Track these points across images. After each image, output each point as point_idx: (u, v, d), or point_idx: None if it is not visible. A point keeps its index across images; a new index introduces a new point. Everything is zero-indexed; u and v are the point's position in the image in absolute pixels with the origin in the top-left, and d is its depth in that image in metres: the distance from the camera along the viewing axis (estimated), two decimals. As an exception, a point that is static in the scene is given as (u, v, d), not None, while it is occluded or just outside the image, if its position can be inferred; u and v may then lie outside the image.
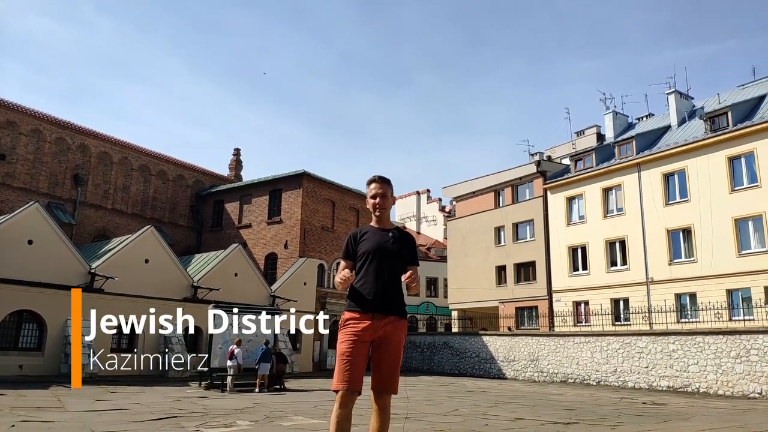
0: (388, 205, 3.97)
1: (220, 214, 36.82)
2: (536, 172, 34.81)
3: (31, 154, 29.88)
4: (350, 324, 3.69)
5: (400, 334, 3.74)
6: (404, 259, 3.84)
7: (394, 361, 3.70)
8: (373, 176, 3.99)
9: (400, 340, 3.74)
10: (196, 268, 27.40)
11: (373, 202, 3.94)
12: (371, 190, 3.95)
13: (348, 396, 3.54)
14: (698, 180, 27.13)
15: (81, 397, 13.60)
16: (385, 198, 3.93)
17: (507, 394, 17.91)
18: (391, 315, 3.71)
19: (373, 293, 3.69)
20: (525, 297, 34.01)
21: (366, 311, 3.68)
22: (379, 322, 3.67)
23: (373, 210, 3.95)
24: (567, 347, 25.22)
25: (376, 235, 3.87)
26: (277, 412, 11.09)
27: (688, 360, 20.77)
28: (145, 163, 35.20)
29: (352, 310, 3.73)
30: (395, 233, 3.88)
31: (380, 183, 3.94)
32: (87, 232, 31.38)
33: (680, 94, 33.00)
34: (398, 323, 3.74)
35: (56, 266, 21.29)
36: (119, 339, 23.23)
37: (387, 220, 3.98)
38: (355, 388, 3.56)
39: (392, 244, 3.81)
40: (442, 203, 55.09)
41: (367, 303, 3.69)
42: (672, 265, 27.61)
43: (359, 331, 3.65)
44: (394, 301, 3.74)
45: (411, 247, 3.92)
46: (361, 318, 3.68)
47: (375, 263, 3.75)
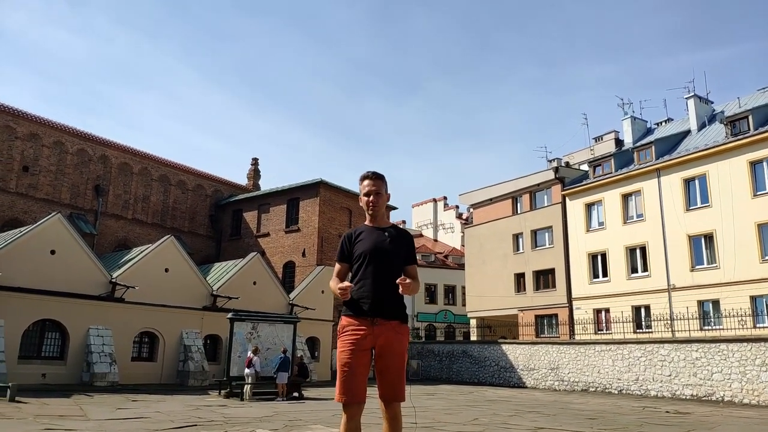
0: (382, 203, 3.72)
1: (239, 223, 37.09)
2: (554, 179, 34.58)
3: (53, 165, 30.39)
4: (349, 331, 3.49)
5: (402, 339, 3.51)
6: (402, 258, 3.61)
7: (399, 368, 3.46)
8: (365, 172, 3.74)
9: (402, 345, 3.51)
10: (215, 276, 27.59)
11: (367, 200, 3.69)
12: (364, 187, 3.70)
13: (353, 408, 3.39)
14: (719, 185, 26.75)
15: (102, 405, 13.73)
16: (379, 195, 3.68)
17: (527, 403, 17.74)
18: (392, 320, 3.48)
19: (372, 297, 3.47)
20: (544, 305, 33.72)
21: (365, 316, 3.47)
22: (379, 327, 3.44)
23: (366, 208, 3.72)
24: (588, 355, 24.93)
25: (372, 235, 3.65)
26: (296, 421, 11.09)
27: (711, 368, 20.42)
28: (164, 173, 35.61)
29: (349, 316, 3.52)
30: (391, 232, 3.65)
31: (373, 179, 3.70)
32: (108, 242, 31.79)
33: (699, 98, 32.65)
34: (400, 328, 3.51)
35: (78, 276, 21.56)
36: (140, 348, 23.43)
37: (382, 218, 3.76)
38: (358, 400, 3.39)
39: (389, 244, 3.58)
40: (459, 210, 54.94)
41: (365, 308, 3.48)
42: (694, 272, 27.21)
43: (358, 339, 3.45)
44: (393, 305, 3.51)
45: (409, 245, 3.69)
46: (360, 324, 3.47)
47: (372, 265, 3.53)
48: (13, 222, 27.71)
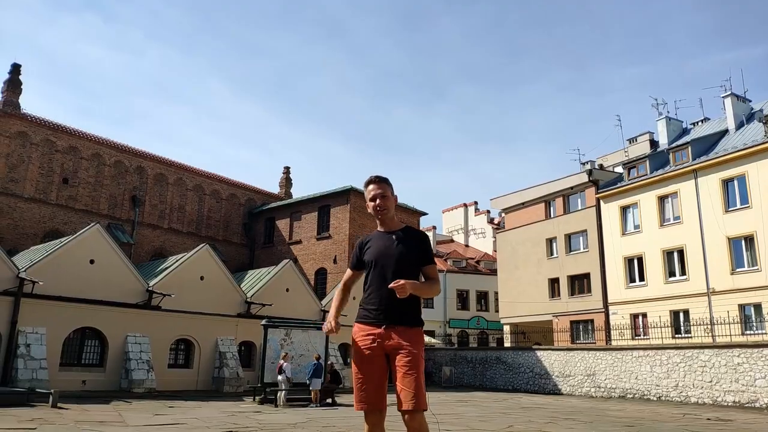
0: (389, 206, 3.65)
1: (272, 231, 37.50)
2: (588, 181, 34.08)
3: (91, 177, 31.20)
4: (359, 338, 3.48)
5: (414, 343, 3.37)
6: (414, 259, 3.53)
7: (411, 374, 3.28)
8: (369, 177, 3.69)
9: (413, 350, 3.35)
10: (249, 284, 27.90)
11: (373, 204, 3.63)
12: (369, 192, 3.65)
13: (372, 416, 3.34)
14: (759, 185, 26.00)
15: (141, 411, 13.98)
16: (386, 198, 3.62)
17: (563, 410, 17.46)
18: (401, 324, 3.40)
19: (379, 302, 3.45)
20: (580, 310, 33.19)
21: (374, 322, 3.44)
22: (388, 333, 3.39)
23: (374, 213, 3.67)
24: (625, 361, 24.44)
25: (380, 240, 3.62)
26: (330, 427, 11.13)
27: (754, 374, 19.81)
28: (199, 183, 36.25)
29: (360, 322, 3.53)
30: (399, 234, 3.59)
31: (377, 183, 3.65)
32: (145, 251, 32.47)
33: (737, 96, 31.86)
34: (410, 332, 3.40)
35: (116, 285, 22.05)
36: (176, 355, 23.82)
37: (392, 221, 3.69)
38: (375, 407, 3.33)
39: (396, 247, 3.52)
40: (490, 215, 54.53)
41: (374, 313, 3.46)
42: (734, 275, 26.47)
43: (370, 345, 3.42)
44: (402, 309, 3.41)
45: (421, 245, 3.59)
46: (370, 330, 3.44)
47: (379, 270, 3.51)
48: (54, 233, 28.52)
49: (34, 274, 19.80)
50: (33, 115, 29.72)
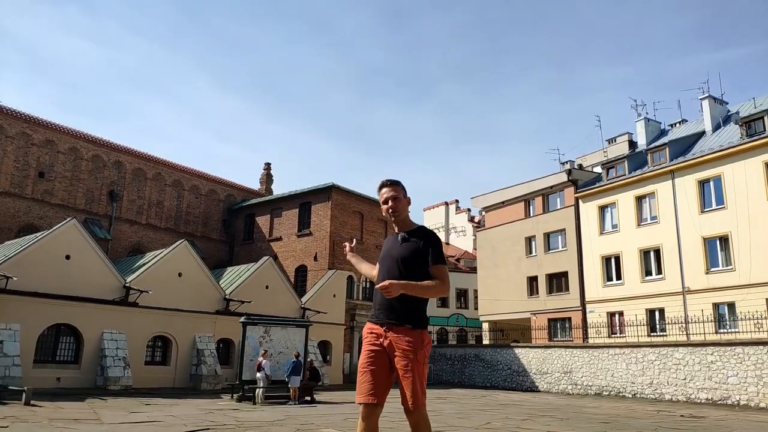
0: (401, 207, 3.75)
1: (251, 228, 37.27)
2: (567, 181, 34.40)
3: (68, 171, 30.73)
4: (366, 335, 3.61)
5: (413, 344, 3.44)
6: (415, 260, 3.55)
7: (408, 374, 3.39)
8: (382, 181, 3.80)
9: (411, 351, 3.42)
10: (228, 281, 27.73)
11: (386, 207, 3.75)
12: (382, 196, 3.78)
13: (367, 409, 3.40)
14: (735, 186, 26.47)
15: (116, 409, 13.83)
16: (397, 200, 3.73)
17: (540, 407, 17.64)
18: (402, 325, 3.47)
19: (380, 303, 3.57)
20: (557, 308, 33.53)
21: (377, 322, 3.57)
22: (389, 333, 3.49)
23: (388, 216, 3.78)
24: (601, 359, 24.75)
25: (389, 242, 3.77)
26: (308, 425, 11.11)
27: (727, 371, 20.20)
28: (178, 178, 35.88)
29: (369, 321, 3.65)
30: (404, 235, 3.66)
31: (389, 186, 3.77)
32: (122, 247, 32.08)
33: (714, 99, 32.35)
34: (410, 333, 3.46)
35: (93, 280, 21.77)
36: (153, 352, 23.59)
37: (405, 222, 3.76)
38: (369, 400, 3.40)
39: (399, 248, 3.62)
40: (471, 213, 54.81)
41: (376, 313, 3.59)
42: (709, 274, 26.93)
43: (374, 342, 3.53)
44: (402, 310, 3.48)
45: (427, 245, 3.60)
46: (374, 329, 3.56)
47: (382, 271, 3.65)
48: (29, 227, 28.05)
49: (8, 270, 19.45)
50: (8, 108, 29.15)
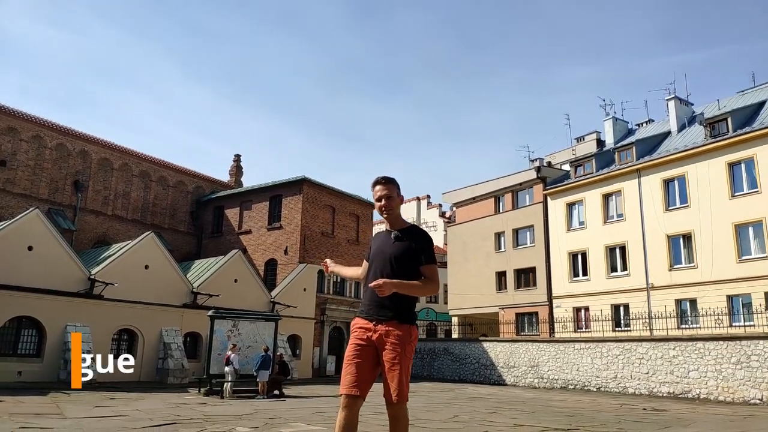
0: (395, 206, 3.81)
1: (220, 220, 36.83)
2: (536, 178, 34.82)
3: (31, 160, 29.90)
4: (355, 330, 3.68)
5: (401, 339, 3.53)
6: (408, 258, 3.64)
7: (394, 368, 3.48)
8: (376, 178, 3.84)
9: (399, 345, 3.51)
10: (195, 274, 27.39)
11: (379, 204, 3.81)
12: (376, 193, 3.81)
13: (349, 399, 3.45)
14: (698, 186, 27.13)
15: (80, 403, 13.57)
16: (391, 199, 3.78)
17: (507, 400, 17.86)
18: (391, 320, 3.55)
19: (369, 298, 3.64)
20: (525, 303, 33.96)
21: (366, 317, 3.64)
22: (379, 328, 3.57)
23: (380, 213, 3.84)
24: (567, 353, 25.17)
25: (380, 239, 3.81)
26: (276, 419, 11.07)
27: (688, 366, 20.73)
28: (145, 169, 35.23)
29: (358, 315, 3.72)
30: (397, 234, 3.72)
31: (384, 184, 3.80)
32: (87, 238, 31.38)
33: (680, 100, 33.06)
34: (399, 328, 3.55)
35: (56, 272, 21.29)
36: (119, 345, 23.19)
37: (397, 220, 3.82)
38: (351, 392, 3.45)
39: (391, 246, 3.68)
40: (442, 209, 55.10)
41: (366, 308, 3.66)
42: (672, 271, 27.58)
43: (362, 336, 3.60)
44: (392, 307, 3.56)
45: (421, 244, 3.69)
46: (364, 324, 3.63)
47: (373, 267, 3.70)
48: (-10, 217, 27.27)
49: (-33, 261, 18.90)
50: (-32, 94, 28.24)
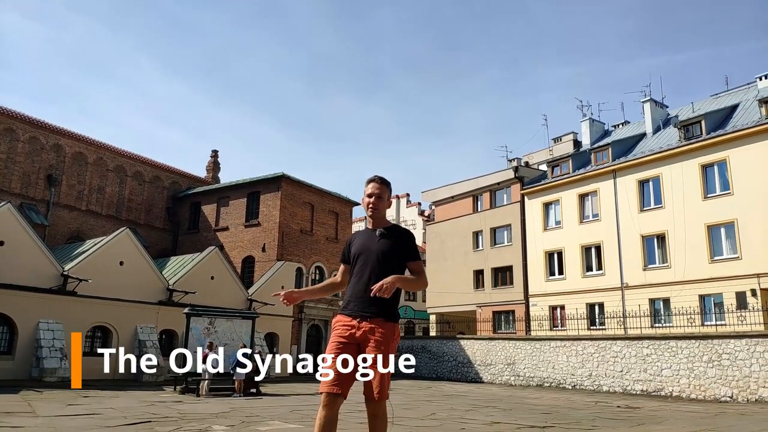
0: (382, 207, 3.81)
1: (197, 217, 36.42)
2: (514, 178, 35.09)
3: (3, 153, 29.24)
4: (337, 327, 3.66)
5: (385, 337, 3.55)
6: (395, 255, 3.68)
7: (377, 364, 3.49)
8: (373, 175, 3.85)
9: (382, 343, 3.53)
10: (171, 270, 27.08)
11: (368, 200, 3.79)
12: (368, 189, 3.81)
13: (328, 398, 3.44)
14: (672, 187, 27.58)
15: (52, 401, 13.34)
16: (381, 199, 3.78)
17: (484, 397, 17.98)
18: (375, 318, 3.56)
19: (354, 295, 3.64)
20: (502, 301, 34.21)
21: (350, 314, 3.62)
22: (362, 325, 3.56)
23: (365, 208, 3.83)
24: (543, 351, 25.41)
25: (364, 237, 3.81)
26: (253, 417, 10.99)
27: (661, 364, 21.06)
28: (120, 164, 34.71)
29: (340, 313, 3.70)
30: (383, 231, 3.75)
31: (379, 183, 3.81)
32: (60, 234, 30.81)
33: (655, 102, 33.56)
34: (384, 326, 3.57)
35: (28, 268, 20.88)
36: (92, 342, 22.84)
37: (381, 221, 3.84)
38: (331, 390, 3.45)
39: (377, 244, 3.70)
40: (421, 207, 55.26)
41: (350, 306, 3.64)
42: (646, 271, 28.01)
43: (344, 333, 3.59)
44: (377, 304, 3.57)
45: (406, 242, 3.76)
46: (346, 321, 3.62)
47: (359, 265, 3.70)
48: (-41, 211, 26.62)
49: (-65, 255, 18.45)
50: (-63, 84, 27.53)
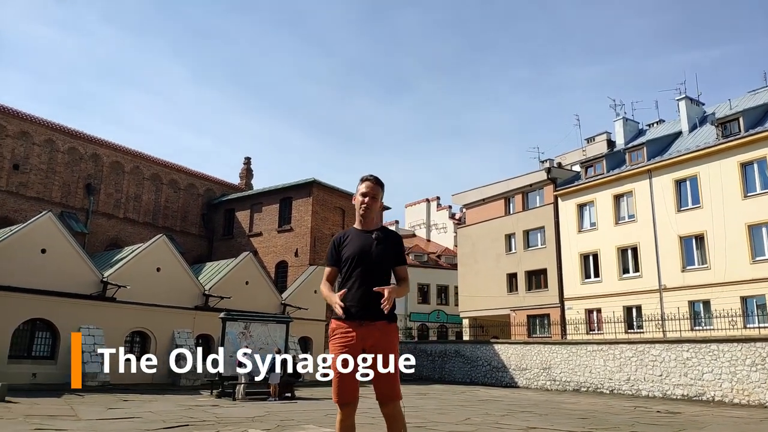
0: (375, 208, 3.80)
1: (231, 223, 36.97)
2: (546, 179, 34.69)
3: (44, 164, 30.16)
4: (338, 334, 3.60)
5: (390, 338, 3.61)
6: (391, 259, 3.72)
7: (388, 366, 3.54)
8: (368, 175, 3.83)
9: (391, 344, 3.60)
10: (207, 276, 27.49)
11: (361, 200, 3.77)
12: (362, 188, 3.79)
13: (347, 408, 3.53)
14: (710, 186, 26.92)
15: (94, 405, 13.65)
16: (375, 200, 3.77)
17: (519, 402, 17.79)
18: (379, 320, 3.55)
19: (358, 300, 3.58)
20: (536, 305, 33.82)
21: (352, 319, 3.57)
22: (367, 329, 3.54)
23: (358, 208, 3.79)
24: (579, 355, 25.03)
25: (359, 239, 3.74)
26: (288, 421, 11.07)
27: (702, 368, 20.55)
28: (156, 172, 35.44)
29: (339, 319, 3.61)
30: (378, 234, 3.73)
31: (373, 183, 3.79)
32: (99, 241, 31.59)
33: (691, 100, 32.85)
34: (387, 328, 3.60)
35: (69, 275, 21.43)
36: (131, 347, 23.32)
37: (371, 222, 3.82)
38: (350, 400, 3.53)
39: (376, 247, 3.67)
40: (451, 210, 55.02)
41: (353, 311, 3.57)
42: (685, 272, 27.37)
43: (348, 341, 3.55)
44: (378, 307, 3.54)
45: (397, 246, 3.79)
46: (348, 326, 3.57)
47: (359, 269, 3.64)
48: (4, 221, 27.48)
49: (-18, 264, 19.07)
50: (-18, 98, 28.52)
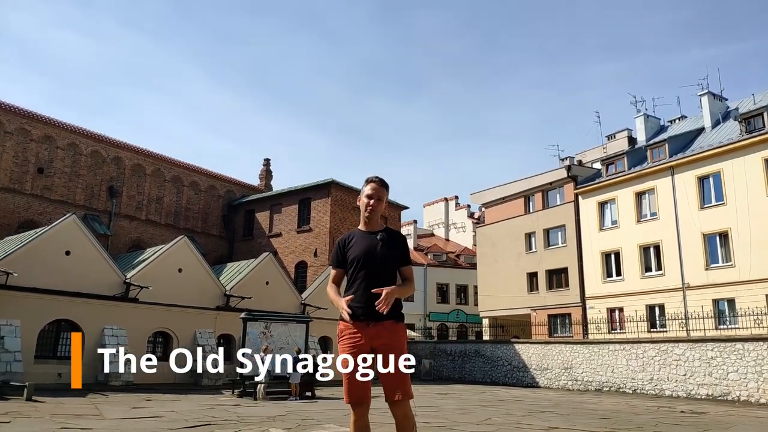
0: (380, 209, 3.85)
1: (251, 224, 37.27)
2: (567, 177, 34.40)
3: (67, 167, 30.69)
4: (346, 335, 3.63)
5: (399, 338, 3.64)
6: (396, 260, 3.75)
7: (398, 366, 3.56)
8: (373, 176, 3.88)
9: (399, 343, 3.63)
10: (228, 277, 27.71)
11: (367, 201, 3.82)
12: (367, 190, 3.84)
13: (359, 408, 3.55)
14: (734, 183, 26.48)
15: (118, 404, 13.84)
16: (380, 201, 3.83)
17: (541, 402, 17.67)
18: (386, 320, 3.58)
19: (365, 301, 3.58)
20: (557, 304, 33.55)
21: (360, 320, 3.58)
22: (374, 329, 3.56)
23: (363, 209, 3.84)
24: (601, 355, 24.78)
25: (365, 240, 3.78)
26: (308, 420, 11.13)
27: (727, 367, 20.23)
28: (177, 174, 35.85)
29: (344, 320, 3.64)
30: (383, 235, 3.77)
31: (378, 185, 3.84)
32: (122, 243, 32.06)
33: (713, 95, 32.34)
34: (395, 327, 3.63)
35: (93, 276, 21.74)
36: (154, 347, 23.59)
37: (375, 223, 3.86)
38: (362, 401, 3.56)
39: (381, 248, 3.71)
40: (470, 210, 54.78)
41: (359, 312, 3.59)
42: (709, 270, 26.96)
43: (356, 342, 3.58)
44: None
45: (402, 247, 3.83)
46: (355, 327, 3.59)
47: (365, 270, 3.67)
48: (29, 223, 28.01)
49: (8, 266, 19.41)
50: (7, 103, 29.07)
